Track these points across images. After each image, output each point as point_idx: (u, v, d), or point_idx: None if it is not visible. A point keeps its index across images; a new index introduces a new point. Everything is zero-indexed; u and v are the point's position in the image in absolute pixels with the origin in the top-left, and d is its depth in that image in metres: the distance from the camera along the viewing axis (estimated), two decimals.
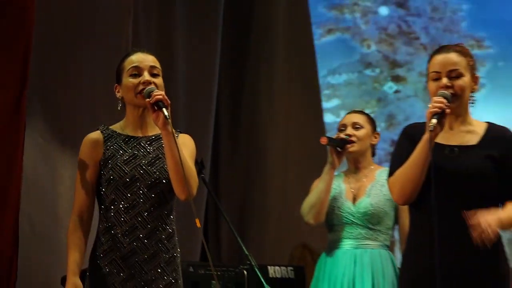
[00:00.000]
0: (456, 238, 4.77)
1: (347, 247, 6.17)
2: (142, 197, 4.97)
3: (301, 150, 9.76)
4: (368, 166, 6.33)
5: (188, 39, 9.24)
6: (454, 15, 10.17)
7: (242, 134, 9.99)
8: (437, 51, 5.02)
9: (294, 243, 9.28)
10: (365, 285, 6.08)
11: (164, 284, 4.98)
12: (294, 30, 10.06)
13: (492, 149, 4.88)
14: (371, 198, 6.16)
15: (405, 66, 10.20)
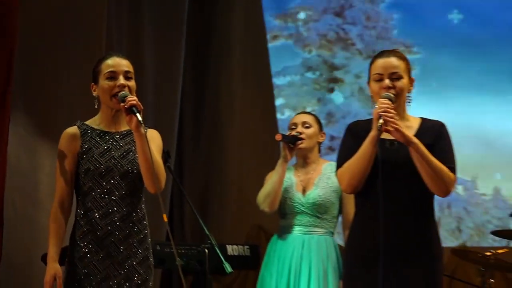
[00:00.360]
0: (397, 222, 4.82)
1: (297, 233, 6.20)
2: (115, 186, 5.03)
3: (256, 143, 9.78)
4: (315, 161, 6.35)
5: (156, 43, 9.22)
6: (386, 23, 10.25)
7: (203, 128, 9.97)
8: (379, 55, 5.07)
9: (250, 224, 9.36)
10: (311, 267, 6.11)
11: (137, 261, 5.04)
12: (250, 36, 10.05)
13: (426, 139, 4.90)
14: (319, 189, 6.18)
15: (343, 69, 10.22)
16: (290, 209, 6.22)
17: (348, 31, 10.27)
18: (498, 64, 10.07)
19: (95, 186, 5.04)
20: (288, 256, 6.19)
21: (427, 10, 10.32)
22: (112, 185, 5.04)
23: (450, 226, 9.23)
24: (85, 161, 5.04)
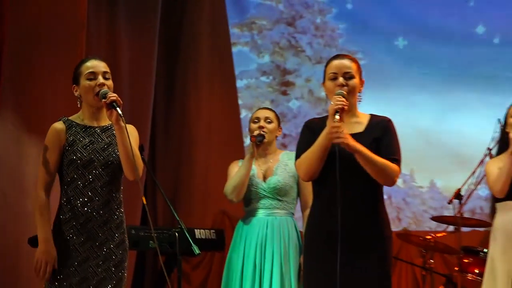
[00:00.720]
0: (352, 205, 4.87)
1: (260, 215, 6.20)
2: (97, 176, 5.06)
3: (220, 139, 9.79)
4: (273, 152, 6.38)
5: (130, 50, 9.20)
6: (333, 33, 10.25)
7: (173, 125, 10.00)
8: (334, 58, 5.13)
9: (215, 210, 9.37)
10: (274, 245, 6.11)
11: (114, 244, 5.07)
12: (216, 43, 10.07)
13: (374, 134, 4.99)
14: (278, 176, 6.19)
15: (294, 74, 10.23)
16: (254, 195, 6.21)
17: (298, 39, 10.28)
18: (437, 67, 10.13)
19: (78, 176, 5.04)
20: (254, 237, 6.18)
21: (370, 19, 10.35)
22: (94, 175, 5.05)
23: (391, 215, 9.23)
24: (70, 152, 5.04)
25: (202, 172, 9.77)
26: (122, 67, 9.04)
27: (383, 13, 10.35)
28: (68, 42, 7.87)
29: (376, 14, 10.38)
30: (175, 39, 10.07)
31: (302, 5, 10.33)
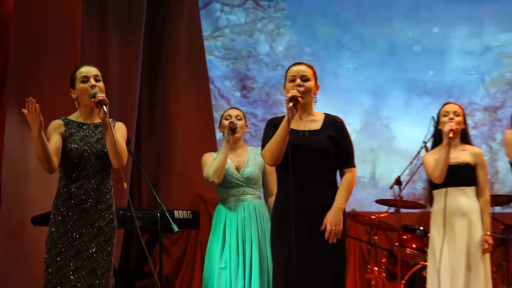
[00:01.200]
0: (310, 188, 4.95)
1: (237, 200, 6.17)
2: (90, 164, 5.12)
3: (195, 133, 9.78)
4: (242, 146, 6.35)
5: (119, 56, 9.13)
6: (288, 44, 10.11)
7: (155, 120, 10.00)
8: (293, 64, 5.24)
9: (191, 194, 9.37)
10: (252, 224, 6.08)
11: (104, 223, 5.12)
12: (192, 52, 10.04)
13: (330, 131, 5.05)
14: (250, 167, 6.17)
15: (252, 79, 10.09)
16: (229, 183, 6.17)
17: (258, 49, 10.12)
18: (366, 66, 9.94)
19: (74, 164, 5.09)
20: (235, 218, 6.13)
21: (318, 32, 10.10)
22: (88, 163, 5.10)
23: None
24: (68, 143, 5.08)
25: (180, 162, 9.73)
26: (111, 72, 8.96)
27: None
28: (65, 50, 7.85)
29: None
30: (157, 49, 10.03)
31: (260, 20, 10.12)
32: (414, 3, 9.61)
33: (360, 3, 9.79)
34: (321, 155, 5.01)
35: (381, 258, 8.53)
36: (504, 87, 9.52)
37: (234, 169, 6.20)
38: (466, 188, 6.14)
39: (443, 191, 6.10)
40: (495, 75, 9.53)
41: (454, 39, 9.61)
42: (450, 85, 9.62)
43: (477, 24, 9.55)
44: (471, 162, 6.17)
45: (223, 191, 6.23)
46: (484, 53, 9.55)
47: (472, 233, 6.07)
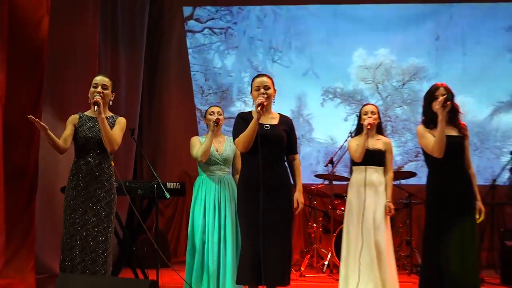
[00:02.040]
0: (270, 167, 5.00)
1: (215, 174, 6.13)
2: (94, 146, 5.21)
3: (182, 126, 9.73)
4: (221, 135, 6.26)
5: (126, 68, 9.12)
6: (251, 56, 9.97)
7: (153, 116, 9.93)
8: (257, 76, 5.29)
9: (180, 170, 9.37)
10: (226, 192, 6.07)
11: (104, 190, 5.21)
12: (181, 67, 9.98)
13: (284, 126, 5.15)
14: (227, 151, 6.14)
15: (209, 86, 9.98)
16: (211, 161, 6.10)
17: (213, 63, 9.93)
18: (293, 77, 9.78)
19: (84, 146, 5.20)
20: (213, 188, 6.09)
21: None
22: (93, 145, 5.20)
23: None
24: (79, 131, 5.22)
25: (171, 147, 9.67)
26: (120, 82, 8.93)
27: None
28: (85, 65, 7.84)
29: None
30: (154, 64, 9.95)
31: (215, 43, 9.93)
32: (328, 32, 9.58)
33: (287, 31, 9.69)
34: (279, 143, 5.10)
35: (319, 217, 8.66)
36: (392, 92, 9.55)
37: (215, 151, 6.13)
38: (378, 168, 6.14)
39: (362, 168, 6.11)
40: (385, 83, 9.56)
41: (356, 57, 9.58)
42: (353, 91, 9.61)
43: (372, 47, 9.58)
44: (382, 148, 6.15)
45: (204, 167, 6.16)
46: (377, 68, 9.55)
47: (379, 200, 6.10)
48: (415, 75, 9.50)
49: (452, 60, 9.40)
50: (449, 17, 9.41)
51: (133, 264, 6.54)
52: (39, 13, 6.68)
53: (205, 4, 9.80)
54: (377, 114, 6.26)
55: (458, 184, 5.05)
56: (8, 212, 6.28)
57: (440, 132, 5.05)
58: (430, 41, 9.48)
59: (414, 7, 9.50)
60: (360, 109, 6.38)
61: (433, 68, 9.45)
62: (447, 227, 4.99)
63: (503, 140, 9.28)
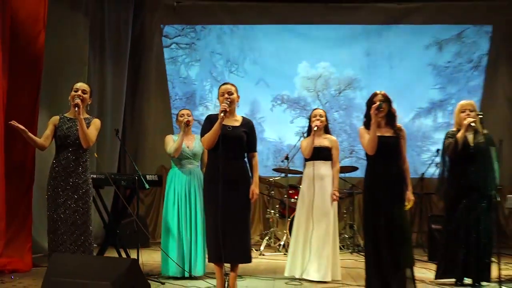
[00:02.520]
0: (230, 163, 4.94)
1: (185, 167, 6.12)
2: (72, 143, 5.15)
3: (160, 125, 9.65)
4: (191, 133, 6.24)
5: (112, 77, 9.08)
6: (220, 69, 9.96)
7: (135, 117, 9.86)
8: (222, 84, 5.17)
9: (157, 164, 9.34)
10: (194, 182, 6.07)
11: (81, 181, 5.15)
12: (159, 76, 9.92)
13: (245, 128, 5.07)
14: (196, 147, 6.12)
15: (175, 93, 9.93)
16: (182, 156, 6.10)
17: (179, 74, 9.92)
18: (246, 86, 9.64)
19: (62, 143, 5.15)
20: (184, 179, 6.08)
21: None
22: (71, 142, 5.14)
23: None
24: (59, 130, 5.16)
25: (150, 145, 9.60)
26: (107, 88, 8.96)
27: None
28: (77, 74, 7.81)
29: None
30: (136, 73, 9.88)
31: (180, 56, 9.90)
32: (277, 48, 9.67)
33: (242, 47, 9.72)
34: (239, 142, 5.03)
35: (276, 205, 8.70)
36: (330, 99, 9.63)
37: (186, 147, 6.11)
38: (325, 162, 6.16)
39: (312, 162, 6.15)
40: (325, 92, 9.63)
41: (300, 69, 9.66)
42: (298, 98, 9.70)
43: (314, 61, 9.68)
44: (328, 146, 6.17)
45: (176, 161, 6.15)
46: (318, 79, 9.65)
47: (327, 189, 6.13)
48: (349, 85, 9.65)
49: (380, 72, 9.57)
50: (378, 37, 9.60)
51: (117, 244, 6.52)
52: (37, 28, 6.67)
53: (179, 23, 9.78)
54: (325, 117, 6.28)
55: (390, 177, 5.04)
56: (9, 202, 6.24)
57: (372, 133, 5.00)
58: (362, 57, 9.63)
59: (349, 28, 9.65)
60: (310, 113, 6.39)
61: (365, 79, 9.60)
62: (380, 213, 5.02)
63: (423, 140, 9.48)
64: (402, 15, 9.61)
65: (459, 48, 9.52)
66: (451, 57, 9.52)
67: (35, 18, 6.65)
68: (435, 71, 9.53)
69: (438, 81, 9.54)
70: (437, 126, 9.47)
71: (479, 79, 9.49)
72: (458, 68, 9.51)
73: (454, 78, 9.49)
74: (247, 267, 5.95)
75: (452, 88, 9.51)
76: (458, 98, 9.16)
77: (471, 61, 9.51)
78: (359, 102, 9.42)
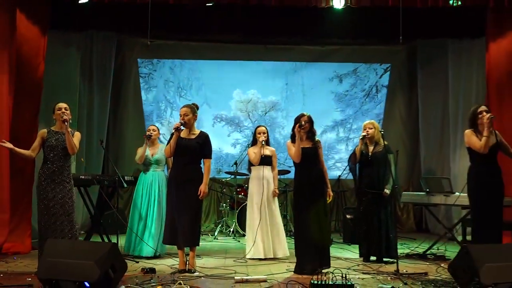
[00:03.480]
0: (186, 167, 4.96)
1: (150, 172, 6.09)
2: (58, 153, 5.01)
3: (135, 136, 9.31)
4: (157, 143, 6.23)
5: (98, 96, 8.92)
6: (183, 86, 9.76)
7: (116, 130, 9.60)
8: (183, 107, 5.12)
9: (133, 168, 9.03)
10: (157, 184, 6.02)
11: (66, 182, 5.00)
12: (134, 95, 9.67)
13: (199, 140, 5.05)
14: (159, 154, 6.09)
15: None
16: (147, 162, 6.09)
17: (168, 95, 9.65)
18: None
19: (49, 153, 4.99)
20: (148, 181, 6.05)
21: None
22: (58, 152, 5.00)
23: None
24: (47, 141, 5.01)
25: (128, 152, 9.18)
26: (94, 106, 8.80)
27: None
28: (69, 95, 7.70)
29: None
30: (118, 93, 9.58)
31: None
32: (217, 77, 9.57)
33: (190, 76, 9.58)
34: (192, 151, 5.04)
35: (226, 200, 8.66)
36: (258, 118, 9.62)
37: (150, 155, 6.09)
38: (268, 167, 6.24)
39: (260, 167, 6.19)
40: (254, 113, 9.65)
41: (235, 95, 9.64)
42: (233, 117, 9.62)
43: (245, 88, 9.67)
44: (270, 154, 6.26)
45: (143, 166, 6.16)
46: (248, 102, 9.67)
47: (269, 187, 6.21)
48: (272, 108, 9.73)
49: (296, 98, 9.70)
50: (294, 71, 9.74)
51: (100, 231, 6.44)
52: (38, 60, 6.68)
53: (152, 58, 9.64)
54: (267, 133, 6.34)
55: (312, 178, 5.16)
56: (12, 198, 6.21)
57: (296, 146, 5.08)
58: (282, 86, 9.73)
59: (272, 64, 9.71)
60: (255, 129, 6.42)
61: (284, 103, 9.71)
62: (307, 206, 5.12)
63: (328, 150, 9.63)
64: (324, 55, 9.76)
65: (354, 80, 9.77)
66: (348, 87, 9.78)
67: (36, 51, 6.67)
68: (336, 97, 9.77)
69: (339, 105, 9.78)
70: (339, 139, 9.71)
71: (369, 105, 9.76)
72: (354, 95, 9.76)
73: (351, 103, 9.77)
74: (203, 248, 5.94)
75: (350, 110, 9.78)
76: (355, 118, 9.74)
77: (363, 91, 9.76)
78: (280, 121, 9.64)
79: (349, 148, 9.62)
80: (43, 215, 4.97)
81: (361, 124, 9.39)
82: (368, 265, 5.56)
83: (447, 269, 4.46)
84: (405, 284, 4.42)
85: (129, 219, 6.14)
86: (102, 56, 8.99)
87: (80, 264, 3.79)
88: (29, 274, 4.79)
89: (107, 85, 9.06)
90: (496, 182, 5.05)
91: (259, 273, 4.96)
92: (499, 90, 6.99)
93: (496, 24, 7.05)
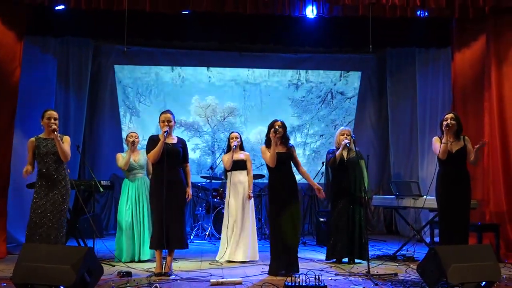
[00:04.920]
0: (170, 171, 4.91)
1: (135, 177, 6.06)
2: (50, 159, 5.01)
3: (111, 141, 9.33)
4: (137, 150, 6.21)
5: (75, 99, 8.81)
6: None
7: (93, 135, 9.48)
8: (162, 112, 5.12)
9: (110, 173, 9.00)
10: (143, 189, 6.01)
11: (61, 186, 5.01)
12: (112, 101, 9.53)
13: (180, 145, 5.10)
14: (141, 160, 6.07)
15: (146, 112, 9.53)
16: (131, 168, 6.06)
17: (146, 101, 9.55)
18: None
19: (43, 160, 4.99)
20: (133, 186, 6.03)
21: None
22: (50, 158, 5.00)
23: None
24: (38, 149, 5.00)
25: (104, 157, 9.19)
26: (70, 112, 8.71)
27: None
28: (44, 100, 7.69)
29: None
30: (94, 101, 9.46)
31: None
32: (176, 84, 9.50)
33: (149, 83, 9.50)
34: (176, 156, 5.04)
35: (202, 204, 8.62)
36: (217, 123, 9.55)
37: (134, 161, 6.07)
38: (242, 171, 6.22)
39: (235, 172, 6.18)
40: (213, 118, 9.58)
41: (194, 101, 9.52)
42: (193, 122, 9.50)
43: (204, 95, 9.58)
44: (244, 159, 6.24)
45: (126, 173, 6.11)
46: (207, 108, 9.60)
47: (245, 191, 6.18)
48: (231, 113, 9.70)
49: (253, 104, 9.69)
50: (253, 79, 9.74)
51: (77, 236, 6.34)
52: (14, 64, 6.57)
53: (127, 64, 9.48)
54: (240, 138, 6.34)
55: (286, 182, 5.21)
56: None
57: (272, 151, 5.12)
58: (240, 92, 9.71)
59: (231, 71, 9.68)
60: (229, 135, 6.43)
61: (242, 109, 9.69)
62: (281, 210, 5.15)
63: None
64: (296, 63, 9.79)
65: (310, 87, 9.80)
66: (305, 93, 9.81)
67: (12, 56, 6.57)
68: (293, 103, 9.79)
69: (296, 111, 9.81)
70: (296, 144, 9.60)
71: (325, 110, 9.81)
72: (310, 101, 9.80)
73: (308, 109, 9.81)
74: (179, 251, 5.90)
75: (306, 116, 9.83)
76: (311, 124, 9.79)
77: (319, 97, 9.81)
78: (239, 126, 9.59)
79: (306, 153, 9.71)
80: (34, 218, 4.95)
81: (317, 129, 9.80)
82: (340, 266, 5.59)
83: (416, 270, 4.53)
84: (376, 285, 4.46)
85: (118, 227, 6.06)
86: (79, 62, 8.91)
87: (56, 269, 3.75)
88: (4, 279, 4.68)
89: (84, 90, 8.97)
90: (463, 186, 5.16)
91: (234, 276, 4.95)
92: (464, 97, 7.15)
93: (461, 34, 7.22)
